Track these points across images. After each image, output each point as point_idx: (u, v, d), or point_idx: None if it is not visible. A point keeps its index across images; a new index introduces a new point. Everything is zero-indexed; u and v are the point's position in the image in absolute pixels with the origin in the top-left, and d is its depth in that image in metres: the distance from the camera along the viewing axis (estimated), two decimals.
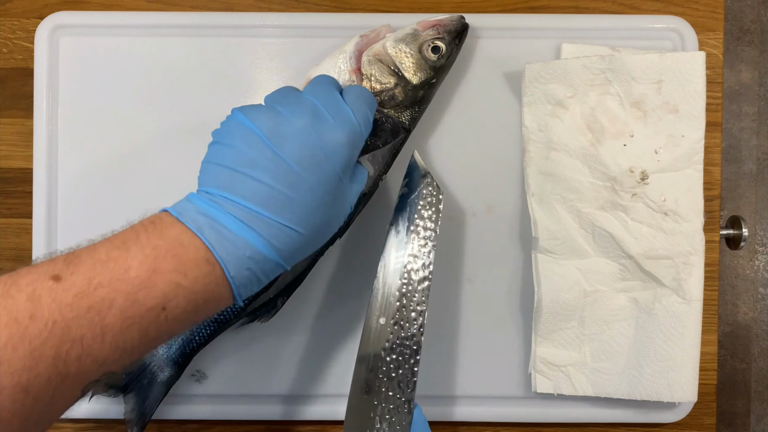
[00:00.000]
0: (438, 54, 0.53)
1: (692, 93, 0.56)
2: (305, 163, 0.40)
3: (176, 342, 0.54)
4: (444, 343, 0.59)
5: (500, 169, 0.59)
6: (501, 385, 0.59)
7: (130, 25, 0.59)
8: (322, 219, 0.42)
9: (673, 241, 0.56)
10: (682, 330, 0.56)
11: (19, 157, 0.61)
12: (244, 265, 0.39)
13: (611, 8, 0.61)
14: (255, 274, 0.40)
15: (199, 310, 0.39)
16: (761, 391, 1.27)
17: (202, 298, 0.38)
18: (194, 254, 0.38)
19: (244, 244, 0.39)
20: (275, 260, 0.40)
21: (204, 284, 0.38)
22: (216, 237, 0.38)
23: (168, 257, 0.37)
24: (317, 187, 0.41)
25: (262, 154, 0.40)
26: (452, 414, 0.59)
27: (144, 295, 0.36)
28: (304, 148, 0.40)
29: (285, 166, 0.40)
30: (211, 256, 0.38)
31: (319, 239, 0.43)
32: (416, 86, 0.53)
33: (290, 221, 0.40)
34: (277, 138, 0.40)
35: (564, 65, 0.56)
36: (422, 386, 0.59)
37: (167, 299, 0.37)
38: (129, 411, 0.55)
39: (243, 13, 0.61)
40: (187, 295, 0.37)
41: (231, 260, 0.38)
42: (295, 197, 0.40)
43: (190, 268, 0.37)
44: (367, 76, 0.53)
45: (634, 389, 0.56)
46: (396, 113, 0.53)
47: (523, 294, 0.59)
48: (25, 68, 0.61)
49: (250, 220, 0.39)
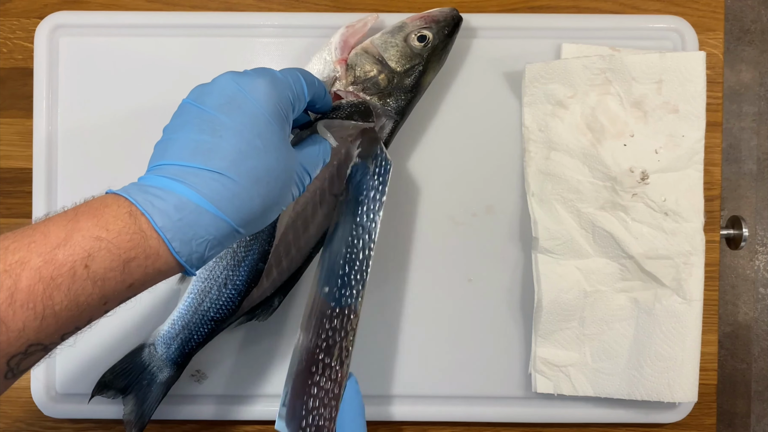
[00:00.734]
0: (424, 42, 0.53)
1: (692, 93, 0.56)
2: (225, 107, 0.40)
3: (175, 342, 0.54)
4: (444, 343, 0.59)
5: (500, 169, 0.59)
6: (501, 385, 0.59)
7: (129, 25, 0.59)
8: (256, 164, 0.40)
9: (674, 241, 0.56)
10: (682, 330, 0.56)
11: (19, 157, 0.61)
12: (173, 216, 0.38)
13: (611, 8, 0.61)
14: (192, 228, 0.38)
15: (129, 269, 0.37)
16: (761, 391, 1.27)
17: (129, 253, 0.36)
18: (116, 210, 0.37)
19: (169, 194, 0.38)
20: (210, 210, 0.38)
21: (128, 237, 0.36)
22: (142, 194, 0.38)
23: (90, 217, 0.36)
24: (242, 129, 0.40)
25: (189, 114, 0.41)
26: (452, 414, 0.59)
27: (63, 254, 0.35)
28: (223, 95, 0.41)
29: (207, 115, 0.40)
30: (134, 209, 0.37)
31: (260, 189, 0.40)
32: (400, 73, 0.53)
33: (218, 167, 0.39)
34: (200, 97, 0.41)
35: (564, 65, 0.56)
36: (422, 386, 0.59)
37: (88, 255, 0.35)
38: (128, 412, 0.55)
39: (243, 13, 0.61)
40: (110, 249, 0.36)
41: (155, 211, 0.37)
42: (221, 143, 0.39)
43: (110, 222, 0.36)
44: (351, 65, 0.53)
45: (634, 389, 0.56)
46: (380, 101, 0.53)
47: (523, 294, 0.59)
48: (25, 68, 0.61)
49: (177, 174, 0.39)
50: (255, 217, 0.41)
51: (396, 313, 0.59)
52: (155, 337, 0.55)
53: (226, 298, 0.53)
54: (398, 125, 0.55)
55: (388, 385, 0.59)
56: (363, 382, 0.59)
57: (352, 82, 0.53)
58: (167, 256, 0.38)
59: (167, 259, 0.38)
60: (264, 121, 0.41)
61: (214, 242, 0.39)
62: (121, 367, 0.56)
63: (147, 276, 0.38)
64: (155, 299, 0.58)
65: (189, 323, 0.54)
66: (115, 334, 0.58)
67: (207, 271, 0.53)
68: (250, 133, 0.40)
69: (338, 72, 0.53)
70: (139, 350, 0.56)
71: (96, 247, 0.36)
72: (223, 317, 0.54)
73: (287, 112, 0.43)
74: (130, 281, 0.37)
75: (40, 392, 0.59)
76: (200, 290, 0.53)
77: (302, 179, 0.45)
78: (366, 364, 0.59)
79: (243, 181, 0.39)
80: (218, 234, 0.39)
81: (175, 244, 0.38)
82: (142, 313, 0.58)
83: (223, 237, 0.40)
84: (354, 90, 0.53)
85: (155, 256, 0.38)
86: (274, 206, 0.42)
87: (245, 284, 0.53)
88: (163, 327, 0.55)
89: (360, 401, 0.50)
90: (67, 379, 0.59)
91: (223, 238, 0.40)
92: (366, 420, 0.60)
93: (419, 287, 0.59)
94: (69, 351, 0.59)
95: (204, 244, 0.39)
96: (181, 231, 0.38)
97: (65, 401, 0.59)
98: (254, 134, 0.40)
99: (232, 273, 0.53)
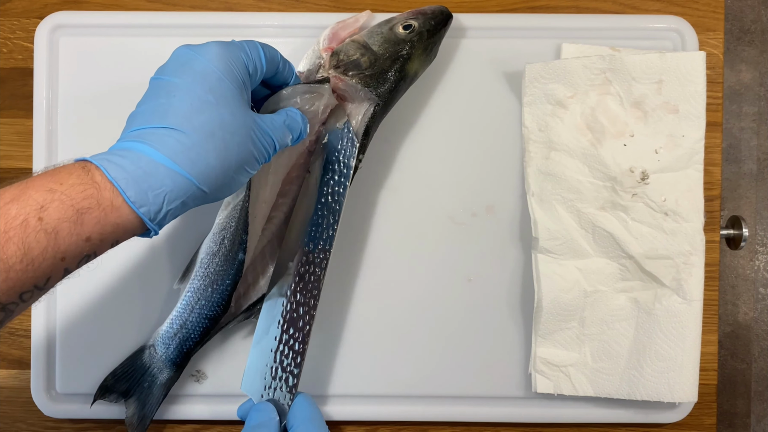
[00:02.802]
0: (409, 30, 0.54)
1: (692, 93, 0.56)
2: (177, 70, 0.42)
3: (174, 341, 0.54)
4: (444, 343, 0.59)
5: (500, 169, 0.59)
6: (501, 385, 0.59)
7: (129, 25, 0.59)
8: (208, 118, 0.41)
9: (674, 241, 0.56)
10: (682, 330, 0.56)
11: (19, 157, 0.61)
12: (128, 168, 0.38)
13: (611, 8, 0.61)
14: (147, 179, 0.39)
15: (84, 221, 0.37)
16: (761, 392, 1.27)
17: (82, 203, 0.37)
18: (71, 168, 0.38)
19: (127, 152, 0.39)
20: (164, 163, 0.39)
21: (82, 188, 0.37)
22: (99, 156, 0.39)
23: (44, 176, 0.37)
24: (193, 86, 0.41)
25: (150, 87, 0.43)
26: (452, 414, 0.59)
27: (15, 207, 0.35)
28: (177, 62, 0.43)
29: (163, 82, 0.42)
30: (89, 165, 0.38)
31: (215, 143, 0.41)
32: (383, 56, 0.53)
33: (172, 123, 0.40)
34: (159, 70, 0.43)
35: (564, 65, 0.56)
36: (423, 386, 0.59)
37: (41, 207, 0.36)
38: (130, 415, 0.55)
39: (243, 13, 0.61)
40: (62, 200, 0.36)
41: (110, 165, 0.38)
42: (174, 101, 0.41)
43: (64, 176, 0.37)
44: (336, 52, 0.53)
45: (634, 389, 0.56)
46: (362, 82, 0.52)
47: (523, 294, 0.59)
48: (25, 68, 0.61)
49: (135, 137, 0.40)
50: (214, 173, 0.41)
51: (396, 313, 0.59)
52: (155, 338, 0.55)
53: (218, 294, 0.53)
54: (382, 111, 0.54)
55: (388, 385, 0.59)
56: (363, 382, 0.59)
57: (334, 66, 0.53)
58: (124, 207, 0.39)
59: (124, 211, 0.39)
60: (216, 77, 0.42)
61: (172, 195, 0.40)
62: (122, 370, 0.56)
63: (104, 229, 0.38)
64: (155, 300, 0.58)
65: (186, 322, 0.54)
66: (115, 334, 0.58)
67: (203, 269, 0.53)
68: (201, 89, 0.41)
69: (323, 59, 0.53)
70: (139, 352, 0.56)
71: (48, 198, 0.36)
72: (217, 315, 0.54)
73: (242, 73, 0.44)
74: (86, 234, 0.38)
75: (40, 392, 0.59)
76: (197, 288, 0.54)
77: (264, 143, 0.44)
78: (366, 364, 0.59)
79: (196, 135, 0.40)
80: (175, 187, 0.40)
81: (130, 193, 0.38)
82: (142, 314, 0.58)
83: (182, 191, 0.40)
84: (337, 74, 0.52)
85: (110, 208, 0.38)
86: (234, 164, 0.42)
87: (232, 278, 0.53)
88: (162, 327, 0.55)
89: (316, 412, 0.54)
90: (67, 379, 0.59)
91: (181, 193, 0.40)
92: (366, 420, 0.60)
93: (419, 287, 0.59)
94: (69, 351, 0.59)
95: (161, 196, 0.39)
96: (136, 182, 0.39)
97: (65, 401, 0.59)
98: (205, 89, 0.41)
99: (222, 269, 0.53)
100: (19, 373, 0.61)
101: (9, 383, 0.61)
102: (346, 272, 0.59)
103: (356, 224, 0.59)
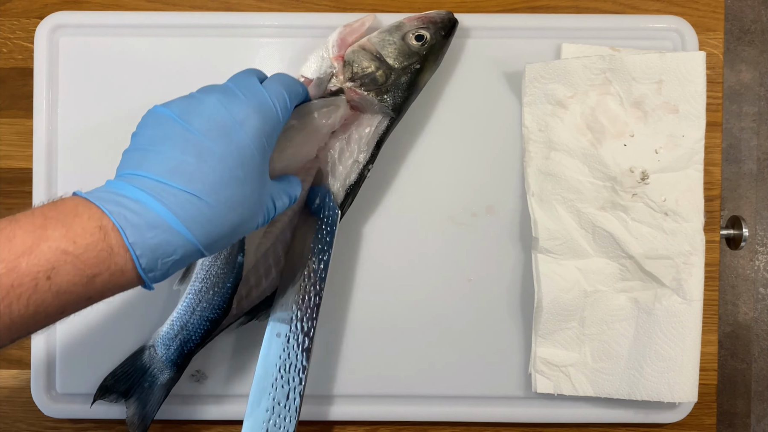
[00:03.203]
0: (421, 42, 0.54)
1: (692, 93, 0.56)
2: (213, 133, 0.40)
3: (174, 342, 0.54)
4: (444, 343, 0.59)
5: (500, 169, 0.59)
6: (501, 385, 0.59)
7: (129, 25, 0.59)
8: (233, 193, 0.40)
9: (674, 241, 0.56)
10: (682, 330, 0.56)
11: (19, 157, 0.61)
12: (146, 234, 0.37)
13: (611, 8, 0.61)
14: (162, 248, 0.38)
15: (92, 284, 0.37)
16: (761, 392, 1.27)
17: (93, 269, 0.36)
18: (87, 222, 0.36)
19: (144, 209, 0.37)
20: (183, 233, 0.38)
21: (95, 252, 0.36)
22: (115, 206, 0.37)
23: (58, 226, 0.36)
24: (227, 157, 0.40)
25: (172, 130, 0.40)
26: (452, 414, 0.59)
27: (26, 263, 0.34)
28: (212, 120, 0.40)
29: (193, 138, 0.40)
30: (105, 222, 0.36)
31: (233, 217, 0.40)
32: (398, 70, 0.53)
33: (198, 191, 0.39)
34: (187, 115, 0.40)
35: (564, 65, 0.56)
36: (423, 386, 0.59)
37: (52, 268, 0.35)
38: (131, 415, 0.55)
39: (243, 13, 0.61)
40: (75, 264, 0.36)
41: (128, 226, 0.37)
42: (204, 167, 0.39)
43: (79, 234, 0.36)
44: (348, 62, 0.53)
45: (634, 389, 0.56)
46: (377, 97, 0.53)
47: (523, 294, 0.59)
48: (25, 68, 0.61)
49: (154, 190, 0.38)
50: (223, 242, 0.41)
51: (396, 313, 0.59)
52: (155, 339, 0.55)
53: (219, 297, 0.53)
54: (394, 122, 0.55)
55: (388, 385, 0.59)
56: (363, 382, 0.59)
57: (350, 78, 0.53)
58: (131, 272, 0.38)
59: (130, 275, 0.38)
60: (249, 153, 0.41)
61: (180, 263, 0.40)
62: (122, 370, 0.56)
63: (107, 290, 0.38)
64: (155, 300, 0.58)
65: (187, 324, 0.54)
66: (115, 335, 0.58)
67: (204, 271, 0.53)
68: (233, 163, 0.40)
69: (335, 68, 0.53)
70: (139, 353, 0.56)
71: (61, 260, 0.35)
72: (218, 317, 0.54)
73: (270, 140, 0.43)
74: (90, 294, 0.37)
75: (40, 392, 0.59)
76: (197, 290, 0.54)
77: (269, 210, 0.45)
78: (366, 364, 0.59)
79: (219, 208, 0.40)
80: (185, 255, 0.39)
81: (143, 261, 0.38)
82: (141, 314, 0.58)
83: (189, 257, 0.40)
84: (352, 86, 0.53)
85: (119, 273, 0.38)
86: (241, 233, 0.42)
87: (232, 281, 0.53)
88: (163, 328, 0.55)
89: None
90: (67, 379, 0.59)
91: (187, 259, 0.40)
92: (366, 420, 0.60)
93: (419, 287, 0.59)
94: (69, 351, 0.59)
95: (169, 263, 0.39)
96: (151, 249, 0.38)
97: (65, 401, 0.59)
98: (237, 164, 0.40)
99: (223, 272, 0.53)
100: (19, 373, 0.61)
101: (9, 383, 0.61)
102: (346, 272, 0.59)
103: (356, 224, 0.59)
